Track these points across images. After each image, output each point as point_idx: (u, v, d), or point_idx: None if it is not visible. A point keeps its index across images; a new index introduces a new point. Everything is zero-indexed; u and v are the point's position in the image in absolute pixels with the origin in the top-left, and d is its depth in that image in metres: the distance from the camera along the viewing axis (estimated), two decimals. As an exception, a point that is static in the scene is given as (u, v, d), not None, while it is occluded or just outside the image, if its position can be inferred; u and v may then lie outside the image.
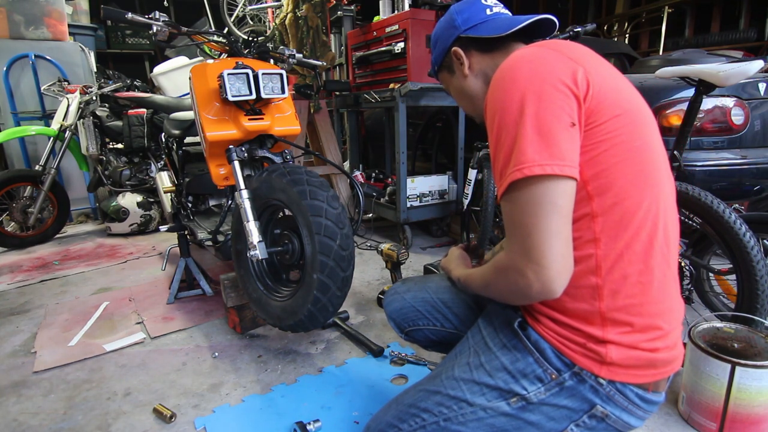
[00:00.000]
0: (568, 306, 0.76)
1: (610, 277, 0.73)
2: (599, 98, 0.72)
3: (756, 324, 1.30)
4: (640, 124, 0.75)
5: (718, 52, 3.09)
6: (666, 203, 0.78)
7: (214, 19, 4.74)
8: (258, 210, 1.46)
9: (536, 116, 0.69)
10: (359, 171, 3.27)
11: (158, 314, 1.93)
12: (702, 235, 1.59)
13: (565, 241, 0.68)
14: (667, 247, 0.77)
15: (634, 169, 0.73)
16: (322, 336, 1.72)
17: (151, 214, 3.24)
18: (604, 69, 0.78)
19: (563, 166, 0.67)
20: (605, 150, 0.72)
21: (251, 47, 1.69)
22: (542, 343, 0.78)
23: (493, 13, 0.95)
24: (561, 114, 0.69)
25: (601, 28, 5.93)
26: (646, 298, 0.74)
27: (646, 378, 0.76)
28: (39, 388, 1.44)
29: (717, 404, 1.12)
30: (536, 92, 0.70)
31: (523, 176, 0.67)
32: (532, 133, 0.68)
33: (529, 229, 0.68)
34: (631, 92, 0.79)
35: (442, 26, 1.00)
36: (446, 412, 0.83)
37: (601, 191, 0.72)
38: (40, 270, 2.57)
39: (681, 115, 1.82)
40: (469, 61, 0.95)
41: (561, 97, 0.70)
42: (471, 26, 0.94)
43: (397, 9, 2.71)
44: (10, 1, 3.34)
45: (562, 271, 0.67)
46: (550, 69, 0.72)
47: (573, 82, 0.71)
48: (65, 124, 3.03)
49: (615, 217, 0.72)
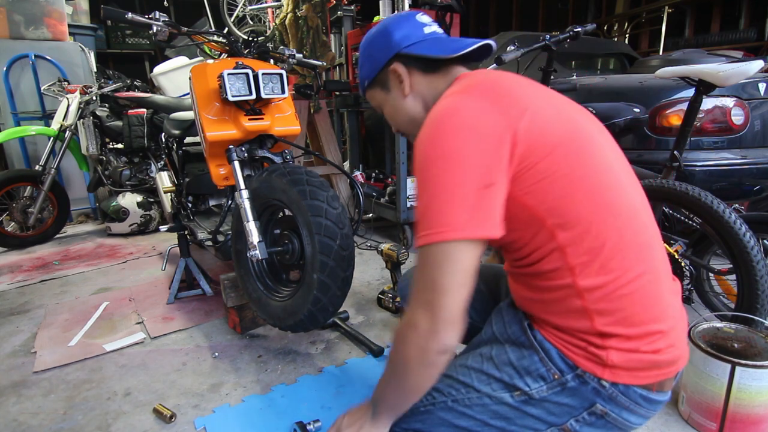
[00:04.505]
0: (564, 324, 0.79)
1: (593, 297, 0.75)
2: (528, 142, 0.73)
3: (756, 324, 1.30)
4: (580, 152, 0.76)
5: (718, 52, 3.09)
6: (634, 211, 0.78)
7: (214, 19, 4.74)
8: (258, 210, 1.46)
9: (451, 180, 0.71)
10: (359, 171, 3.27)
11: (158, 314, 1.93)
12: (702, 235, 1.59)
13: (462, 299, 0.72)
14: (649, 251, 0.78)
15: (589, 196, 0.75)
16: (322, 336, 1.72)
17: (151, 214, 3.24)
18: (536, 104, 0.76)
19: (474, 229, 0.71)
20: (549, 186, 0.74)
21: (251, 47, 1.69)
22: (546, 344, 0.80)
23: (431, 32, 0.93)
24: (476, 176, 0.71)
25: (601, 28, 5.93)
26: (636, 309, 0.75)
27: (650, 379, 0.76)
28: (39, 388, 1.44)
29: (717, 404, 1.12)
30: (453, 155, 0.72)
31: (433, 241, 0.72)
32: (447, 197, 0.71)
33: (433, 285, 0.73)
34: (567, 121, 0.78)
35: (376, 40, 0.95)
36: (455, 394, 0.86)
37: (562, 226, 0.74)
38: (40, 270, 2.57)
39: (681, 115, 1.82)
40: (411, 80, 0.92)
41: (477, 158, 0.71)
42: (411, 43, 0.91)
43: (397, 9, 2.70)
44: (10, 1, 3.34)
45: (454, 323, 0.73)
46: (471, 128, 0.72)
47: (493, 140, 0.72)
48: (65, 124, 3.03)
49: (585, 246, 0.74)
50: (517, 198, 0.75)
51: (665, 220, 1.74)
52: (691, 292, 1.57)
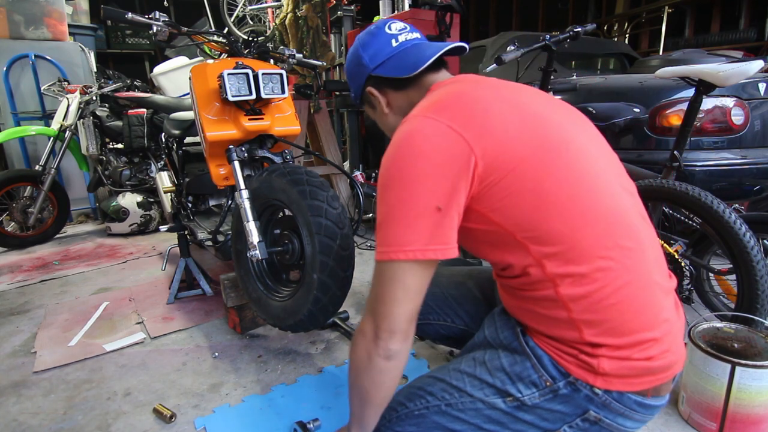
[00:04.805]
0: (553, 334, 0.78)
1: (578, 308, 0.74)
2: (486, 161, 0.73)
3: (756, 324, 1.30)
4: (548, 163, 0.74)
5: (718, 52, 3.09)
6: (620, 214, 0.76)
7: (214, 19, 4.74)
8: (258, 210, 1.46)
9: (404, 202, 0.74)
10: (359, 171, 3.26)
11: (158, 314, 1.93)
12: (702, 235, 1.59)
13: (407, 312, 0.77)
14: (639, 255, 0.76)
15: (560, 208, 0.73)
16: (322, 336, 1.72)
17: (151, 214, 3.24)
18: (498, 120, 0.75)
19: (421, 251, 0.74)
20: (515, 203, 0.74)
21: (251, 47, 1.69)
22: (538, 351, 0.80)
23: (399, 44, 0.93)
24: (427, 199, 0.73)
25: (601, 28, 5.93)
26: (624, 317, 0.74)
27: (644, 385, 0.75)
28: (39, 388, 1.44)
29: (717, 404, 1.12)
30: (408, 178, 0.74)
31: (385, 259, 0.76)
32: (399, 218, 0.74)
33: (379, 298, 0.78)
34: (535, 131, 0.76)
35: (352, 62, 0.99)
36: (448, 398, 0.87)
37: (534, 240, 0.74)
38: (40, 270, 2.57)
39: (681, 115, 1.82)
40: (386, 99, 0.96)
41: (430, 182, 0.73)
42: (379, 64, 0.93)
43: (397, 9, 2.71)
44: (10, 1, 3.34)
45: (396, 331, 0.77)
46: (427, 153, 0.74)
47: (449, 163, 0.73)
48: (65, 124, 3.03)
49: (561, 258, 0.74)
50: (484, 215, 0.76)
51: (665, 220, 1.74)
52: (691, 292, 1.57)
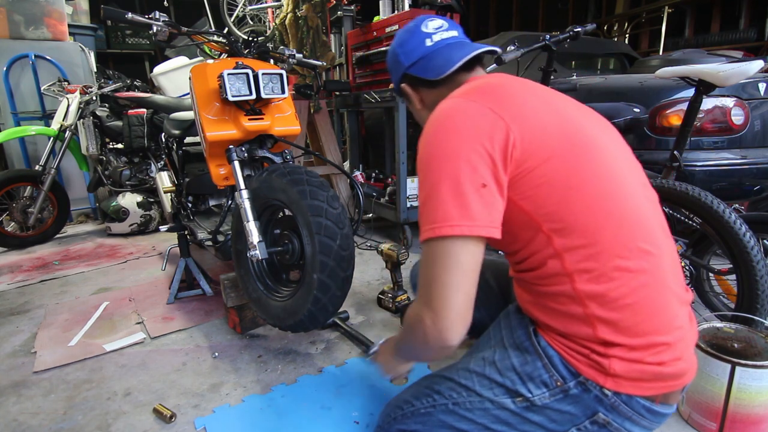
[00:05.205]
0: (566, 330, 0.78)
1: (593, 305, 0.74)
2: (524, 146, 0.74)
3: (756, 324, 1.30)
4: (578, 160, 0.75)
5: (718, 52, 3.09)
6: (641, 218, 0.77)
7: (214, 19, 4.73)
8: (258, 210, 1.46)
9: (450, 178, 0.73)
10: (359, 171, 3.27)
11: (158, 314, 1.93)
12: (702, 235, 1.59)
13: (465, 296, 0.74)
14: (656, 259, 0.76)
15: (587, 205, 0.74)
16: (322, 336, 1.72)
17: (151, 214, 3.24)
18: (534, 110, 0.77)
19: (471, 226, 0.72)
20: (546, 193, 0.75)
21: (251, 47, 1.69)
22: (550, 350, 0.80)
23: (433, 43, 0.95)
24: (473, 176, 0.73)
25: (601, 28, 5.93)
26: (639, 318, 0.74)
27: (654, 390, 0.75)
28: (39, 388, 1.44)
29: (717, 404, 1.12)
30: (452, 155, 0.74)
31: (433, 236, 0.74)
32: (446, 195, 0.73)
33: (433, 281, 0.74)
34: (567, 127, 0.78)
35: (390, 57, 1.03)
36: (456, 397, 0.87)
37: (559, 232, 0.75)
38: (40, 270, 2.57)
39: (681, 115, 1.82)
40: (419, 96, 1.00)
41: (475, 158, 0.73)
42: (412, 63, 0.96)
43: (397, 9, 2.71)
44: (10, 1, 3.34)
45: (456, 323, 0.74)
46: (469, 129, 0.74)
47: (490, 141, 0.73)
48: (65, 124, 3.03)
49: (583, 253, 0.74)
50: (514, 202, 0.76)
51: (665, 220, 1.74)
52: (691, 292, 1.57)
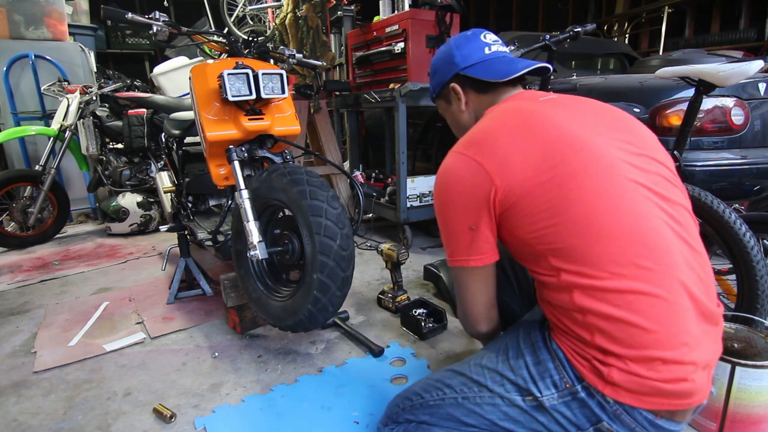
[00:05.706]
0: (572, 335, 0.81)
1: (590, 315, 0.77)
2: (504, 189, 0.83)
3: (756, 324, 1.30)
4: (559, 190, 0.79)
5: (718, 52, 3.09)
6: (646, 233, 0.76)
7: (214, 19, 4.73)
8: (258, 210, 1.46)
9: (453, 223, 0.92)
10: (359, 171, 3.26)
11: (158, 314, 1.93)
12: (702, 235, 1.59)
13: (481, 303, 0.98)
14: (660, 275, 0.75)
15: (573, 226, 0.78)
16: (322, 336, 1.72)
17: (151, 214, 3.24)
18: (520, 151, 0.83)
19: (470, 259, 0.92)
20: (530, 222, 0.82)
21: (251, 47, 1.69)
22: (560, 353, 0.83)
23: (491, 52, 1.00)
24: (468, 221, 0.89)
25: (601, 28, 5.92)
26: (632, 331, 0.74)
27: (654, 406, 0.75)
28: (39, 388, 1.44)
29: (717, 404, 1.12)
30: (452, 206, 0.91)
31: (451, 266, 0.96)
32: (452, 235, 0.93)
33: (458, 295, 1.00)
34: (555, 155, 0.81)
35: (442, 58, 1.05)
36: (466, 392, 0.90)
37: (552, 252, 0.81)
38: (40, 270, 2.57)
39: (681, 115, 1.82)
40: (466, 98, 1.04)
41: (470, 207, 0.88)
42: (470, 65, 1.00)
43: (397, 9, 2.70)
44: (10, 1, 3.34)
45: (479, 319, 1.00)
46: (462, 187, 0.88)
47: (476, 193, 0.86)
48: (65, 124, 3.03)
49: (575, 271, 0.79)
50: (509, 230, 0.87)
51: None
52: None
